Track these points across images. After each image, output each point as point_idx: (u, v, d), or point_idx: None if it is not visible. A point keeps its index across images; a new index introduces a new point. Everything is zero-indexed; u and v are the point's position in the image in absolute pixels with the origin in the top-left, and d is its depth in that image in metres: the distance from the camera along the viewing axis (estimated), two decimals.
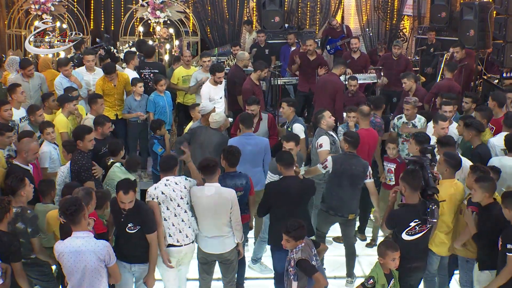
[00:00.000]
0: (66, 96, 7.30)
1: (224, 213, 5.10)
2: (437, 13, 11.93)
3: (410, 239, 4.78)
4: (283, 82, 10.34)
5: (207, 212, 5.10)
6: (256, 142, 6.51)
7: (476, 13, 9.60)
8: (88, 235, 4.30)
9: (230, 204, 5.08)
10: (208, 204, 5.07)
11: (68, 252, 4.24)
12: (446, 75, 8.50)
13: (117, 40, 11.42)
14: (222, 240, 5.18)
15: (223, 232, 5.16)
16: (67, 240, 4.31)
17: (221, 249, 5.20)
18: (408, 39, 13.25)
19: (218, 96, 8.02)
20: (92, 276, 4.27)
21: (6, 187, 4.86)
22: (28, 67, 8.10)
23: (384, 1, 13.11)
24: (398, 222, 4.83)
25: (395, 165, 6.61)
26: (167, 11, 10.72)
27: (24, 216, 4.76)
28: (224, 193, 5.10)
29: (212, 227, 5.14)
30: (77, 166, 5.76)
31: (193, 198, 5.13)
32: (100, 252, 4.25)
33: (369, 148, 6.61)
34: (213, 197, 5.05)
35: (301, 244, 4.63)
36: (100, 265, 4.28)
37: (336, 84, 8.25)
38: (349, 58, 10.19)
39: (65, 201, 4.34)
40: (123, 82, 8.23)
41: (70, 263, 4.25)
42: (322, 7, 13.18)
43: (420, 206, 4.76)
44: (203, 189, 5.11)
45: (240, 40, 12.55)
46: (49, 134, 6.45)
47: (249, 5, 13.02)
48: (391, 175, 6.66)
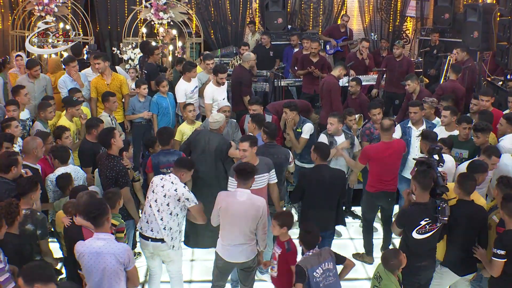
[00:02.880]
0: (71, 99, 7.27)
1: (253, 221, 4.97)
2: (440, 14, 11.93)
3: (420, 237, 4.77)
4: (286, 84, 10.34)
5: (237, 218, 4.94)
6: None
7: (480, 14, 9.57)
8: (109, 237, 4.28)
9: (261, 211, 4.96)
10: (238, 210, 4.93)
11: (88, 253, 4.23)
12: (451, 77, 8.50)
13: (120, 41, 11.43)
14: (245, 248, 5.05)
15: (248, 240, 5.04)
16: (88, 240, 4.30)
17: (245, 257, 5.09)
18: (411, 41, 13.25)
19: (221, 97, 8.01)
20: (110, 278, 4.24)
21: (18, 187, 4.85)
22: (35, 67, 8.11)
23: (387, 3, 13.12)
24: (408, 221, 4.82)
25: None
26: (170, 12, 10.76)
27: (34, 218, 4.76)
28: (255, 201, 4.98)
29: (238, 235, 5.00)
30: (114, 172, 5.52)
31: (222, 203, 4.98)
32: (120, 255, 4.23)
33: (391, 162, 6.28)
34: (245, 204, 4.93)
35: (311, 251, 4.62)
36: (119, 268, 4.25)
37: (329, 84, 8.24)
38: (353, 59, 10.19)
39: (90, 204, 4.32)
40: (118, 83, 8.18)
41: (90, 264, 4.23)
42: (325, 8, 13.18)
43: (431, 205, 4.77)
44: (235, 194, 4.99)
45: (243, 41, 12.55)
46: (68, 137, 6.45)
47: (252, 6, 13.03)
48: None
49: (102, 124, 6.50)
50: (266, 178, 5.66)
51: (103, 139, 5.71)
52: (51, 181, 5.70)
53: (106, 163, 5.59)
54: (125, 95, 8.30)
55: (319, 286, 4.53)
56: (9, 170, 5.17)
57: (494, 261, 4.53)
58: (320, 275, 4.55)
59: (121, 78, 8.30)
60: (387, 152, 6.13)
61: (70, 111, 7.06)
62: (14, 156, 5.27)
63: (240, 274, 5.33)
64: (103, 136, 5.72)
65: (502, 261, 4.50)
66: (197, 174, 6.29)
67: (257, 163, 5.55)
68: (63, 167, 5.81)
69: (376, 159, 6.17)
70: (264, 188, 5.64)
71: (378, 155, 6.15)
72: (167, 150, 6.23)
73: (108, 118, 7.28)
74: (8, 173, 5.17)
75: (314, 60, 9.62)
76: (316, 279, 4.53)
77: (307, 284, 4.52)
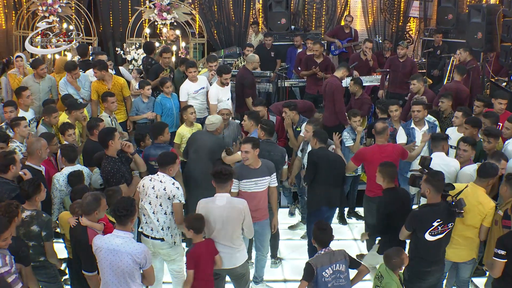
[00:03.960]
0: (75, 103, 7.26)
1: (237, 224, 4.92)
2: (443, 15, 11.92)
3: (433, 239, 4.77)
4: (289, 84, 10.33)
5: (219, 223, 4.87)
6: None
7: (484, 15, 9.56)
8: (128, 236, 4.29)
9: (242, 214, 4.92)
10: (219, 215, 4.86)
11: (106, 249, 4.25)
12: (455, 78, 8.47)
13: (123, 41, 11.44)
14: (233, 254, 4.97)
15: (235, 245, 4.97)
16: (107, 236, 4.33)
17: (232, 263, 4.99)
18: (414, 41, 13.23)
19: (225, 97, 8.02)
20: (125, 276, 4.26)
21: (22, 191, 4.85)
22: (40, 66, 8.12)
23: (390, 3, 13.10)
24: (420, 222, 4.79)
25: None
26: (174, 13, 10.77)
27: (39, 220, 4.76)
28: (236, 204, 4.94)
29: (224, 240, 4.92)
30: (104, 173, 5.56)
31: (202, 210, 4.92)
32: (137, 255, 4.24)
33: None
34: (225, 208, 4.87)
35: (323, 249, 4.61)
36: (135, 268, 4.27)
37: (332, 85, 8.19)
38: (357, 60, 10.18)
39: (119, 203, 4.33)
40: (118, 86, 8.14)
41: (106, 260, 4.26)
42: (328, 9, 13.18)
43: (442, 205, 4.77)
44: (214, 200, 4.92)
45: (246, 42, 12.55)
46: (70, 135, 6.48)
47: (255, 7, 13.02)
48: None
49: (102, 123, 6.52)
50: (267, 181, 5.64)
51: (102, 139, 5.69)
52: (57, 179, 5.71)
53: (102, 163, 5.63)
54: (126, 97, 8.29)
55: (327, 286, 4.51)
56: (7, 170, 5.16)
57: (495, 261, 4.52)
58: (329, 276, 4.53)
59: (122, 81, 8.25)
60: (380, 155, 5.98)
61: (75, 114, 7.05)
62: (10, 155, 5.25)
63: (233, 282, 5.27)
64: (102, 136, 5.71)
65: (502, 262, 4.49)
66: (189, 173, 6.30)
67: (259, 166, 5.55)
68: (70, 166, 5.82)
69: (370, 162, 6.07)
70: (265, 191, 5.62)
71: (372, 158, 6.05)
72: (158, 144, 6.31)
73: (108, 119, 7.28)
74: (7, 173, 5.16)
75: (318, 61, 9.61)
76: (325, 279, 4.51)
77: (315, 282, 4.51)
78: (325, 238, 4.64)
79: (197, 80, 8.19)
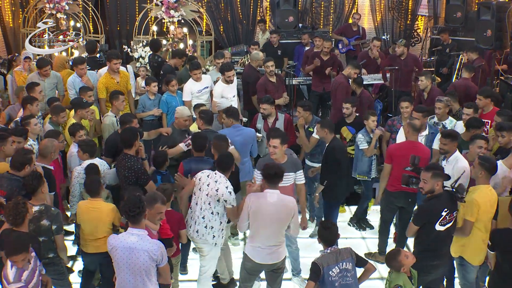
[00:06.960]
0: (80, 101, 7.21)
1: (285, 222, 4.93)
2: (452, 13, 11.84)
3: (443, 229, 4.82)
4: (297, 82, 10.29)
5: (268, 220, 4.87)
6: (244, 133, 6.58)
7: (493, 13, 9.48)
8: (143, 233, 4.28)
9: (292, 212, 4.92)
10: (270, 212, 4.86)
11: (122, 248, 4.23)
12: (464, 75, 8.41)
13: (131, 39, 11.42)
14: (276, 249, 4.98)
15: (279, 241, 4.98)
16: (122, 235, 4.32)
17: (276, 258, 5.01)
18: (422, 40, 13.14)
19: (231, 95, 7.99)
20: (142, 274, 4.24)
21: (27, 187, 4.87)
22: (45, 67, 8.12)
23: (398, 1, 13.02)
24: (430, 215, 4.82)
25: None
26: (181, 10, 10.75)
27: (49, 213, 4.78)
28: (287, 202, 4.92)
29: (271, 236, 4.92)
30: (133, 171, 5.55)
31: (252, 205, 4.89)
32: (153, 252, 4.22)
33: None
34: (276, 205, 4.86)
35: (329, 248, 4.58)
36: (151, 265, 4.25)
37: (336, 83, 8.27)
38: (365, 57, 10.12)
39: (129, 202, 4.27)
40: (125, 78, 8.20)
41: (122, 259, 4.24)
42: (336, 6, 13.13)
43: (445, 195, 4.83)
44: (265, 195, 4.89)
45: (253, 40, 12.51)
46: (81, 136, 6.44)
47: (263, 5, 12.98)
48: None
49: (135, 120, 6.48)
50: (292, 177, 5.68)
51: (126, 138, 5.70)
52: (78, 173, 5.81)
53: (123, 162, 5.61)
54: (128, 90, 8.31)
55: (334, 285, 4.47)
56: (22, 168, 5.18)
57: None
58: (336, 274, 4.49)
59: (126, 73, 8.36)
60: (411, 152, 5.81)
61: (80, 113, 7.02)
62: (29, 154, 5.29)
63: (267, 275, 5.23)
64: (127, 135, 5.73)
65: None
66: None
67: (284, 161, 5.58)
68: (91, 160, 5.92)
69: (399, 157, 6.03)
70: (289, 186, 5.63)
71: (401, 153, 6.03)
72: (200, 157, 5.87)
73: (113, 119, 7.18)
74: (21, 171, 5.18)
75: (324, 59, 9.56)
76: (332, 278, 4.47)
77: (321, 281, 4.48)
78: (331, 237, 4.61)
79: (201, 79, 8.16)
